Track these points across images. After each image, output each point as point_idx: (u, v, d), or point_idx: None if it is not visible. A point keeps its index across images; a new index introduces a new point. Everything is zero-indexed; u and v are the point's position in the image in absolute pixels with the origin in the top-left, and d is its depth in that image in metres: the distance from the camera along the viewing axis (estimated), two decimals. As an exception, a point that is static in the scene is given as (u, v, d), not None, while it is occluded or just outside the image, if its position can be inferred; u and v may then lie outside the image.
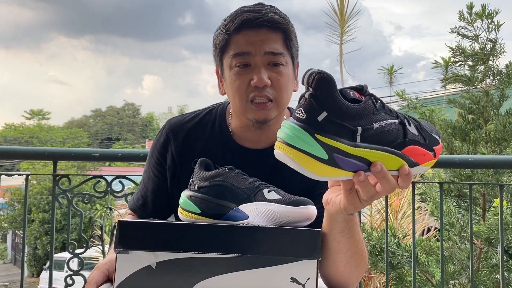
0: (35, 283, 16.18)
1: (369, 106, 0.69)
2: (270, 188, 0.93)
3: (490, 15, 3.39)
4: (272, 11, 1.07)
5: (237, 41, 1.06)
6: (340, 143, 0.66)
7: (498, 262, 2.76)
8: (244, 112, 1.08)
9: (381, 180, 0.71)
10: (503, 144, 3.20)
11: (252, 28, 1.05)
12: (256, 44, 1.04)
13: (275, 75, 1.05)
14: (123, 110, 50.88)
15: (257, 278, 0.81)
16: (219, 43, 1.09)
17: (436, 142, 0.77)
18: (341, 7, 7.15)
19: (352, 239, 0.89)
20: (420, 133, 0.74)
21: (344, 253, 0.91)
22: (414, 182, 2.13)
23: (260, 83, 1.03)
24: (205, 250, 0.82)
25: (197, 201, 0.93)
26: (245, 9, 1.08)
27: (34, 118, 39.51)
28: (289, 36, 1.08)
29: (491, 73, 3.40)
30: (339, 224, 0.87)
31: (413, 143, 0.73)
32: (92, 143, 41.08)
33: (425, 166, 0.75)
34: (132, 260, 0.83)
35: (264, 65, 1.05)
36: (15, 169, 22.92)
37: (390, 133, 0.70)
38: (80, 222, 2.24)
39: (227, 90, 1.11)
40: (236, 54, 1.05)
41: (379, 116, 0.70)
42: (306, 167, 0.66)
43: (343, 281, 0.97)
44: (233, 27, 1.05)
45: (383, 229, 3.43)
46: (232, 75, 1.07)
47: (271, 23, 1.05)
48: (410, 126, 0.73)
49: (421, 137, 0.74)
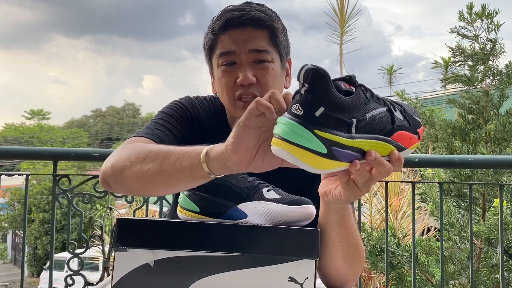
0: (35, 283, 16.19)
1: (361, 97, 0.70)
2: (269, 187, 0.93)
3: (490, 15, 3.39)
4: (257, 9, 1.08)
5: (223, 40, 1.08)
6: (338, 136, 0.67)
7: (498, 262, 2.76)
8: (232, 109, 1.10)
9: (376, 166, 0.72)
10: (503, 144, 3.20)
11: (236, 27, 1.06)
12: (240, 42, 1.06)
13: (260, 72, 1.06)
14: (123, 110, 50.91)
15: (255, 277, 0.81)
16: (207, 43, 1.12)
17: (419, 125, 0.78)
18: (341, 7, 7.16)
19: (348, 228, 0.91)
20: (405, 117, 0.76)
21: (342, 245, 0.92)
22: (414, 182, 2.13)
23: (245, 81, 1.04)
24: (203, 248, 0.82)
25: (196, 200, 0.93)
26: (230, 8, 1.09)
27: (34, 118, 39.53)
28: (275, 33, 1.09)
29: (491, 73, 3.40)
30: (337, 214, 0.88)
31: (400, 128, 0.74)
32: (92, 143, 41.09)
33: (411, 149, 0.77)
34: (130, 257, 0.83)
35: (249, 63, 1.06)
36: (15, 169, 22.94)
37: (381, 121, 0.72)
38: (80, 222, 2.24)
39: (217, 88, 1.14)
40: (221, 54, 1.08)
41: (370, 106, 0.71)
42: (306, 161, 0.67)
43: (342, 277, 0.98)
44: (218, 27, 1.08)
45: (383, 229, 3.44)
46: (219, 73, 1.09)
47: (255, 21, 1.06)
48: (396, 112, 0.75)
49: (406, 122, 0.76)
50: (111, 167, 0.93)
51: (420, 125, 0.79)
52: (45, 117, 39.91)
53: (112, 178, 0.94)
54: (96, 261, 9.72)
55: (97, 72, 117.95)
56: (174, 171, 0.83)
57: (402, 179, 4.55)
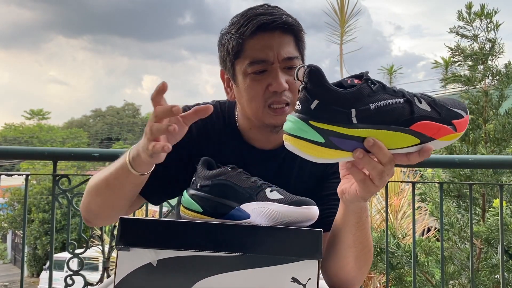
0: (35, 283, 16.18)
1: (364, 89, 0.73)
2: (273, 187, 0.93)
3: (489, 14, 3.39)
4: (283, 12, 1.05)
5: (253, 46, 1.02)
6: (336, 126, 0.72)
7: (498, 262, 2.76)
8: (261, 117, 1.05)
9: (377, 154, 0.74)
10: (502, 144, 3.20)
11: (266, 31, 1.02)
12: (273, 49, 1.02)
13: (291, 79, 1.03)
14: (123, 110, 50.87)
15: (258, 277, 0.81)
16: (233, 48, 1.04)
17: (458, 116, 0.78)
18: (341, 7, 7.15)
19: (364, 231, 0.92)
20: (433, 108, 0.77)
21: (356, 247, 0.93)
22: (414, 182, 2.13)
23: (279, 89, 1.01)
24: (206, 248, 0.82)
25: (199, 200, 0.93)
26: (257, 11, 1.04)
27: (34, 118, 39.51)
28: (300, 37, 1.07)
29: (490, 73, 3.40)
30: (355, 215, 0.90)
31: (424, 118, 0.75)
32: (92, 143, 41.06)
33: (443, 140, 0.77)
34: (133, 257, 0.83)
35: (281, 69, 1.03)
36: (15, 169, 22.92)
37: (393, 111, 0.74)
38: (80, 222, 2.23)
39: (240, 96, 1.08)
40: (252, 62, 1.03)
41: (376, 97, 0.73)
42: (307, 151, 0.73)
43: (351, 278, 0.98)
44: (249, 32, 1.01)
45: (383, 229, 3.43)
46: (248, 81, 1.04)
47: (286, 25, 1.03)
48: (421, 103, 0.76)
49: (435, 112, 0.76)
50: (82, 211, 1.11)
51: (461, 116, 0.79)
52: (45, 117, 39.90)
53: (87, 219, 1.10)
54: (96, 261, 9.70)
55: (96, 72, 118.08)
56: (116, 190, 1.00)
57: (402, 179, 4.56)
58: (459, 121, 0.78)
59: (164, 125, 0.83)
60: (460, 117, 0.78)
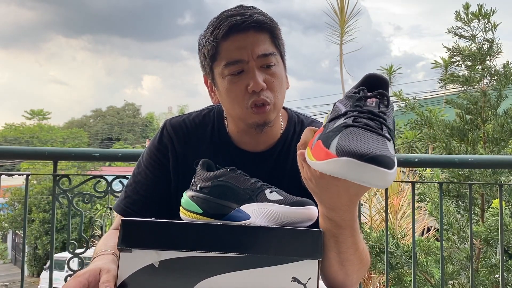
0: (35, 283, 16.19)
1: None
2: (272, 189, 0.94)
3: (486, 15, 3.38)
4: (255, 11, 1.06)
5: (227, 48, 1.03)
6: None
7: (497, 262, 2.77)
8: (244, 118, 1.06)
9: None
10: (501, 144, 3.20)
11: (239, 32, 1.03)
12: (247, 48, 1.03)
13: (269, 77, 1.04)
14: (123, 110, 50.87)
15: (258, 277, 0.82)
16: (208, 52, 1.06)
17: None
18: (341, 7, 7.15)
19: (345, 244, 0.89)
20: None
21: (338, 253, 0.90)
22: (413, 182, 2.14)
23: (257, 88, 1.02)
24: (207, 249, 0.83)
25: (199, 201, 0.94)
26: (229, 13, 1.05)
27: (34, 118, 39.54)
28: (276, 34, 1.07)
29: (489, 73, 3.40)
30: (327, 229, 0.88)
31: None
32: (92, 143, 41.07)
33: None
34: (135, 258, 0.83)
35: (257, 68, 1.04)
36: (15, 169, 22.93)
37: None
38: (80, 222, 2.25)
39: (223, 99, 1.09)
40: (228, 63, 1.03)
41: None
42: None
43: (340, 282, 0.96)
44: (221, 34, 1.02)
45: (382, 229, 3.44)
46: (227, 83, 1.05)
47: (259, 24, 1.03)
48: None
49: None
50: None
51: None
52: (45, 117, 39.92)
53: None
54: (96, 261, 9.69)
55: (96, 72, 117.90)
56: None
57: (402, 179, 4.56)
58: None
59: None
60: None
